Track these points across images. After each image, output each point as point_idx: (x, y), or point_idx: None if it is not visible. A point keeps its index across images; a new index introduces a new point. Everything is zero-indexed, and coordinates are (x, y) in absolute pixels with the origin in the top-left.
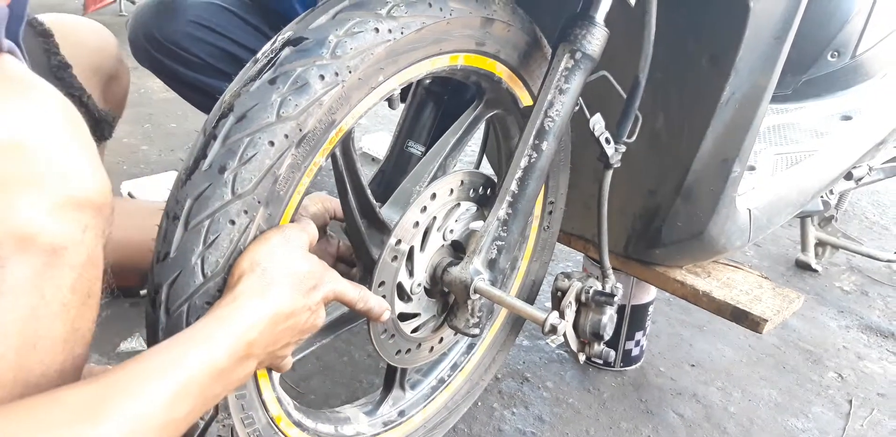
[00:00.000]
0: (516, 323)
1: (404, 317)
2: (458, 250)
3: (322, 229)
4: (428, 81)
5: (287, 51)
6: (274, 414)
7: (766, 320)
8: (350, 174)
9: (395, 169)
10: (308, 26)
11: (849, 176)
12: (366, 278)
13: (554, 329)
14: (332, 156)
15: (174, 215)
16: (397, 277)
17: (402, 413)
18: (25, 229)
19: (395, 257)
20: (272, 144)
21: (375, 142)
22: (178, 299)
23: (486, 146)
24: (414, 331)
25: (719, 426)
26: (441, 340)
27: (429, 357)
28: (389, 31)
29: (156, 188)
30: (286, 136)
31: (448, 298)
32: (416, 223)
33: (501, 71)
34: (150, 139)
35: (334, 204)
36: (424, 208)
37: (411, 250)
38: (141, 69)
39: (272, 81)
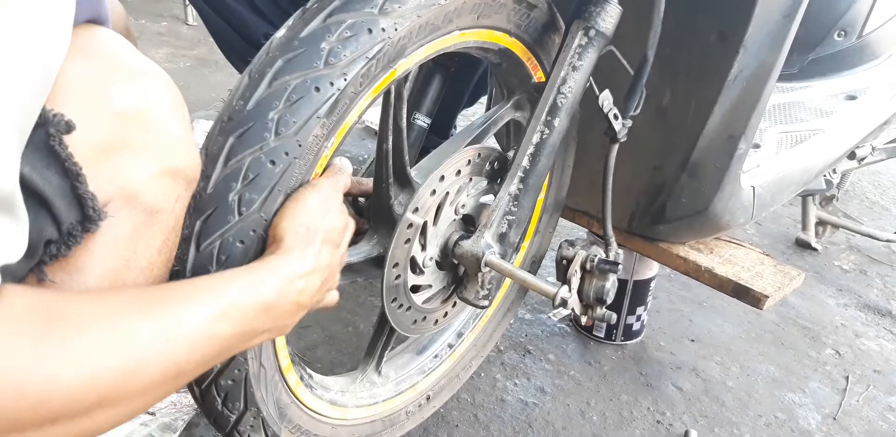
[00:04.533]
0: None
1: (416, 288)
2: (469, 224)
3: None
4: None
5: (338, 2)
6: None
7: (767, 297)
8: (395, 120)
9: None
10: None
11: (852, 155)
12: (373, 235)
13: (564, 303)
14: (385, 95)
15: (214, 154)
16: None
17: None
18: (134, 189)
19: (417, 209)
20: (318, 89)
21: (376, 117)
22: (211, 235)
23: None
24: (425, 302)
25: (717, 399)
26: (446, 314)
27: (437, 328)
28: None
29: None
30: (331, 83)
31: (458, 270)
32: (434, 191)
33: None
34: None
35: (356, 182)
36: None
37: (425, 225)
38: (143, 39)
39: (322, 29)
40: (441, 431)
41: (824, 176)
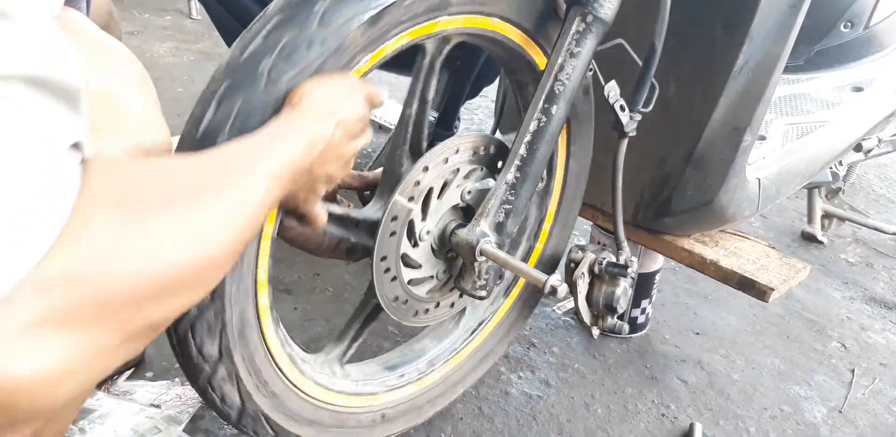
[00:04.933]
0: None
1: (413, 281)
2: (470, 214)
3: (332, 194)
4: None
5: None
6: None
7: (773, 289)
8: (423, 90)
9: None
10: None
11: (858, 148)
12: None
13: (554, 291)
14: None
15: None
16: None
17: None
18: None
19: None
20: None
21: (384, 109)
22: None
23: (502, 112)
24: (426, 292)
25: (723, 392)
26: (438, 304)
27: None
28: None
29: None
30: None
31: (456, 261)
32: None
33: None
34: None
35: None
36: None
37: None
38: (147, 33)
39: None
40: (445, 424)
41: (830, 168)
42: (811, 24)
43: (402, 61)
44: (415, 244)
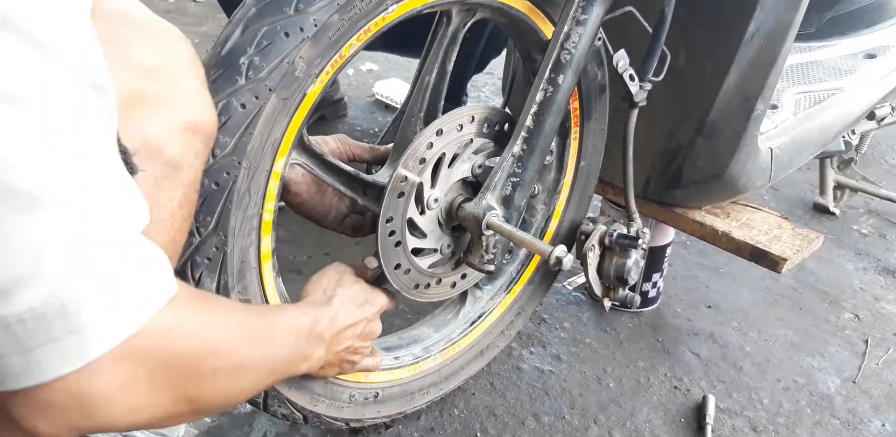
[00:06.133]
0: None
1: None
2: (479, 189)
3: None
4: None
5: None
6: None
7: (786, 260)
8: (444, 58)
9: None
10: None
11: (871, 116)
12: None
13: (559, 261)
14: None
15: (237, 19)
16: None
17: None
18: (156, 142)
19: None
20: None
21: (389, 88)
22: (216, 95)
23: (512, 88)
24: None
25: (735, 364)
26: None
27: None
28: None
29: None
30: None
31: (464, 238)
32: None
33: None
34: None
35: (353, 147)
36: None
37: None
38: None
39: None
40: (458, 399)
41: (843, 137)
42: None
43: (408, 42)
44: (422, 212)
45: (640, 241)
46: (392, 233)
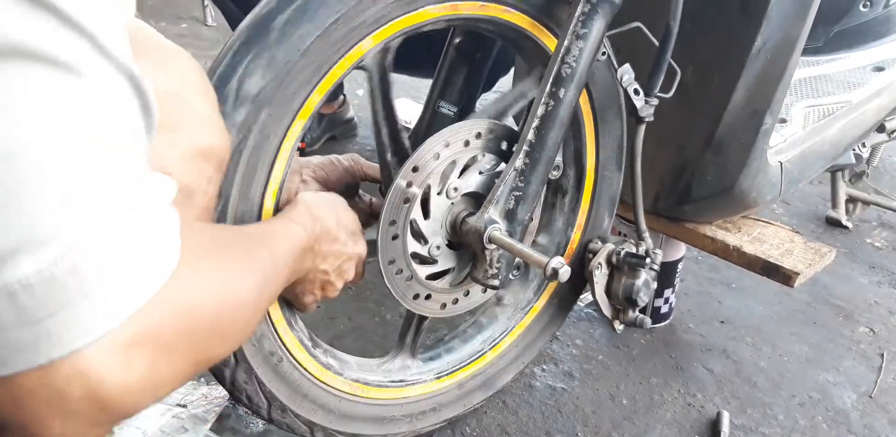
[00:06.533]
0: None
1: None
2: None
3: (354, 187)
4: (459, 41)
5: None
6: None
7: (798, 274)
8: (383, 96)
9: (428, 130)
10: None
11: (881, 128)
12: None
13: (556, 273)
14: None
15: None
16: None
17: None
18: (169, 168)
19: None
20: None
21: (399, 108)
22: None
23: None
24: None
25: (749, 380)
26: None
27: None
28: None
29: None
30: None
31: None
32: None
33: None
34: None
35: (365, 167)
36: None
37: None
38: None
39: None
40: (470, 418)
41: (854, 150)
42: (829, 4)
43: (418, 62)
44: (426, 216)
45: (648, 260)
46: (395, 236)
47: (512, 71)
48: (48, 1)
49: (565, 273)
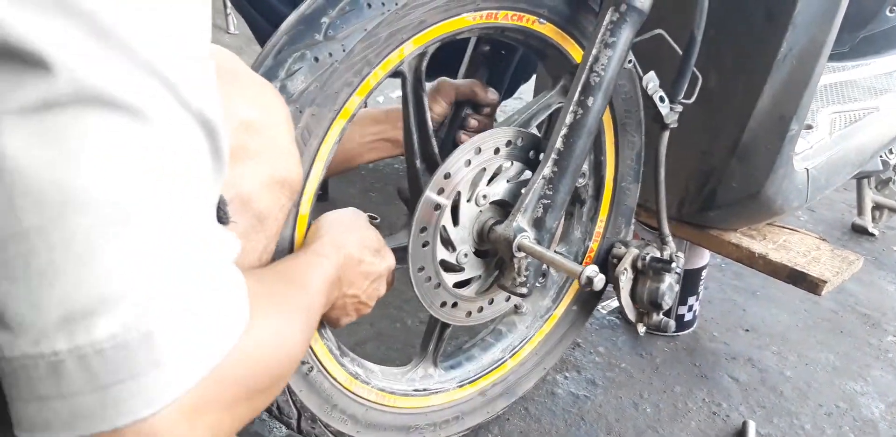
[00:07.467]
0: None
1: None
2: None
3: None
4: (481, 48)
5: None
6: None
7: (825, 282)
8: (416, 101)
9: (449, 136)
10: None
11: None
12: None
13: (590, 281)
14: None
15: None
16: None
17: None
18: (247, 194)
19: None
20: (370, 6)
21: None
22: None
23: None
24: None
25: (775, 389)
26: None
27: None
28: None
29: None
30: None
31: (497, 259)
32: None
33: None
34: None
35: (460, 87)
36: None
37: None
38: None
39: None
40: (492, 424)
41: (881, 157)
42: (856, 9)
43: (441, 68)
44: (455, 224)
45: (673, 264)
46: (426, 244)
47: (533, 79)
48: (122, 40)
49: (600, 282)
